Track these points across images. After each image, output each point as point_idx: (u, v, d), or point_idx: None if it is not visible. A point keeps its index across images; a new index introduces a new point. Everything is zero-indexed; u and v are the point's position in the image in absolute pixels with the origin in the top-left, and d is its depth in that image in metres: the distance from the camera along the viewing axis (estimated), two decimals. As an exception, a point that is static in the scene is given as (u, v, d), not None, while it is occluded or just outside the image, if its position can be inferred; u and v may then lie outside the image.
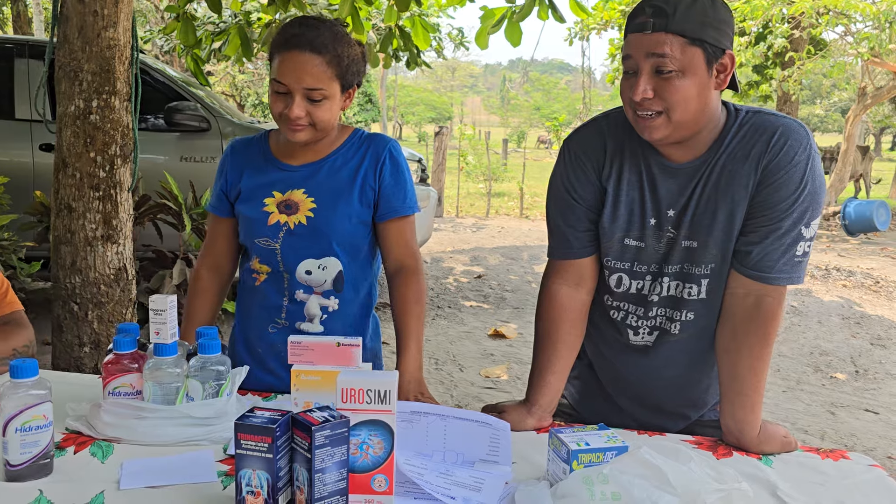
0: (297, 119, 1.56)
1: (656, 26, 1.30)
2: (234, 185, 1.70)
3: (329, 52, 1.54)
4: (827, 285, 7.16)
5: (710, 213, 1.42)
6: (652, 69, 1.32)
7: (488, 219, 11.82)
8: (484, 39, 3.96)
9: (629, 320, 1.54)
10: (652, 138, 1.38)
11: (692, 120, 1.35)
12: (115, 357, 1.38)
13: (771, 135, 1.38)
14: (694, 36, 1.30)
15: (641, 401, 1.60)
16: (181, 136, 4.86)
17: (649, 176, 1.46)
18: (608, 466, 1.12)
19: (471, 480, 1.24)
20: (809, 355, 4.97)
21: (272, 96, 1.57)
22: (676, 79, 1.31)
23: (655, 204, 1.46)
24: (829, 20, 9.77)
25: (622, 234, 1.49)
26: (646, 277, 1.50)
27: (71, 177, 2.85)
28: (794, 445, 1.43)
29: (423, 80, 53.31)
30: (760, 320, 1.40)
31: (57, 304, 2.95)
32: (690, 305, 1.48)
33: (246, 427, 1.08)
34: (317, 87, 1.54)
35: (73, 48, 2.78)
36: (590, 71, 27.76)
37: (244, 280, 1.74)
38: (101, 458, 1.29)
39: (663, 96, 1.33)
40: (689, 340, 1.51)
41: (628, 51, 1.36)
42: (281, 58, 1.55)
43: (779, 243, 1.39)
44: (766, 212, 1.39)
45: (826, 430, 3.73)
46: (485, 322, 5.47)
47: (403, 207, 1.68)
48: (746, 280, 1.42)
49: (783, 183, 1.37)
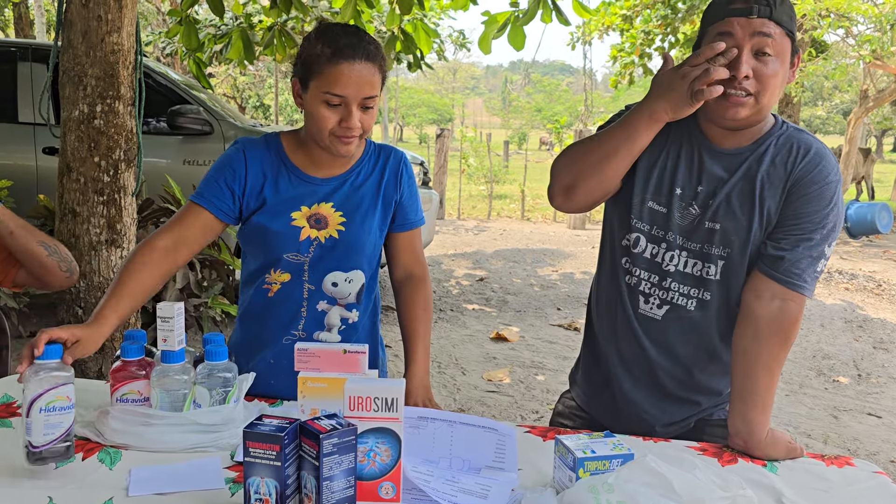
0: (355, 129, 1.53)
1: (762, 12, 1.38)
2: (255, 192, 1.62)
3: (379, 59, 1.55)
4: (829, 288, 7.16)
5: (739, 203, 1.48)
6: (753, 50, 1.39)
7: (490, 221, 11.83)
8: (487, 44, 3.98)
9: (642, 286, 1.57)
10: (737, 117, 1.42)
11: (769, 106, 1.43)
12: (122, 364, 1.39)
13: (807, 151, 1.47)
14: (788, 28, 1.40)
15: (647, 380, 1.60)
16: (184, 139, 4.87)
17: (689, 150, 1.52)
18: (613, 476, 1.13)
19: (477, 487, 1.25)
20: (812, 359, 4.97)
21: (321, 110, 1.52)
22: (772, 62, 1.39)
23: (689, 176, 1.51)
24: (830, 22, 9.78)
25: (648, 196, 1.53)
26: (661, 244, 1.54)
27: (75, 181, 2.86)
28: (799, 452, 1.43)
29: (425, 81, 53.37)
30: (784, 324, 1.43)
31: (61, 308, 2.96)
32: (708, 285, 1.52)
33: (254, 435, 1.09)
34: (373, 94, 1.54)
35: (77, 53, 2.79)
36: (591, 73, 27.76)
37: (252, 291, 1.69)
38: (109, 464, 1.29)
39: (759, 78, 1.39)
40: (701, 320, 1.54)
41: (728, 29, 1.39)
42: (335, 69, 1.50)
43: (808, 253, 1.44)
44: (798, 221, 1.45)
45: (829, 434, 3.73)
46: (487, 325, 5.48)
47: (417, 220, 1.73)
48: (773, 283, 1.45)
49: (815, 196, 1.44)
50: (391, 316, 5.53)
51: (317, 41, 1.53)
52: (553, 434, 1.47)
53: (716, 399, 1.63)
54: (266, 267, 1.65)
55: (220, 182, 1.61)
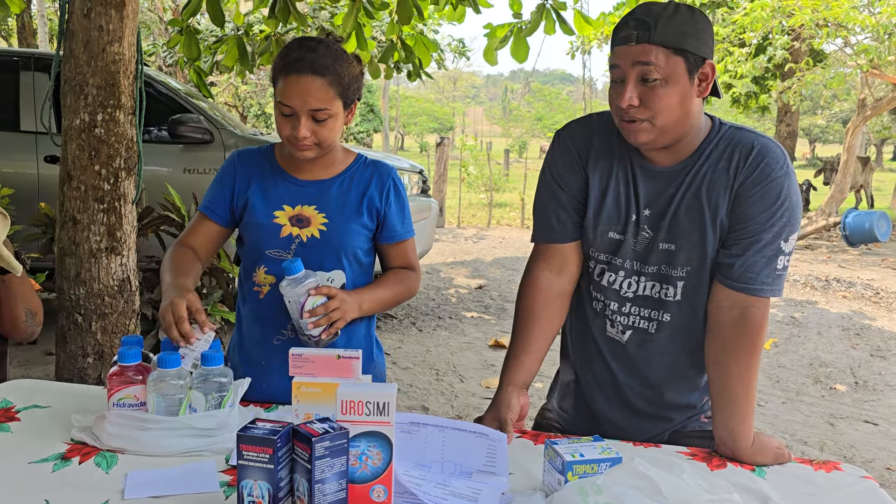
0: (304, 139, 1.61)
1: (640, 38, 1.37)
2: (242, 193, 1.73)
3: (330, 73, 1.60)
4: (827, 296, 7.17)
5: (688, 218, 1.47)
6: (638, 77, 1.38)
7: (489, 229, 11.85)
8: (492, 56, 4.02)
9: (607, 312, 1.59)
10: (637, 142, 1.44)
11: (675, 126, 1.41)
12: (119, 369, 1.41)
13: (748, 151, 1.45)
14: (676, 46, 1.36)
15: (619, 401, 1.63)
16: (184, 147, 4.90)
17: (633, 175, 1.52)
18: (602, 477, 1.15)
19: (468, 491, 1.27)
20: (809, 366, 4.98)
21: (279, 118, 1.63)
22: (660, 87, 1.37)
23: (636, 202, 1.52)
24: (828, 32, 9.82)
25: (606, 227, 1.54)
26: (619, 272, 1.55)
27: (76, 189, 2.88)
28: (787, 457, 1.45)
29: (425, 90, 53.48)
30: (747, 331, 1.44)
31: (61, 315, 2.98)
32: (667, 307, 1.53)
33: (248, 438, 1.11)
34: (321, 107, 1.60)
35: (78, 62, 2.82)
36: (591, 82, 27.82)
37: (246, 294, 1.78)
38: (105, 468, 1.31)
39: (648, 104, 1.38)
40: (664, 341, 1.56)
41: (615, 61, 1.42)
42: (285, 81, 1.60)
43: (759, 255, 1.44)
44: (745, 224, 1.44)
45: (825, 441, 3.74)
46: (486, 333, 5.49)
47: (405, 232, 1.78)
48: (731, 292, 1.46)
49: (760, 198, 1.43)
50: (390, 324, 5.55)
51: (279, 54, 1.64)
52: (543, 439, 1.49)
53: (688, 412, 1.65)
54: (252, 265, 1.73)
55: (217, 189, 1.75)
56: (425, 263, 7.84)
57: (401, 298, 1.78)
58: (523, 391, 1.57)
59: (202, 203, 1.78)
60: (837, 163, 13.69)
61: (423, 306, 6.19)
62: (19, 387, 1.68)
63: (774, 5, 9.68)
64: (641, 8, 1.40)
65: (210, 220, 1.75)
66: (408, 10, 4.16)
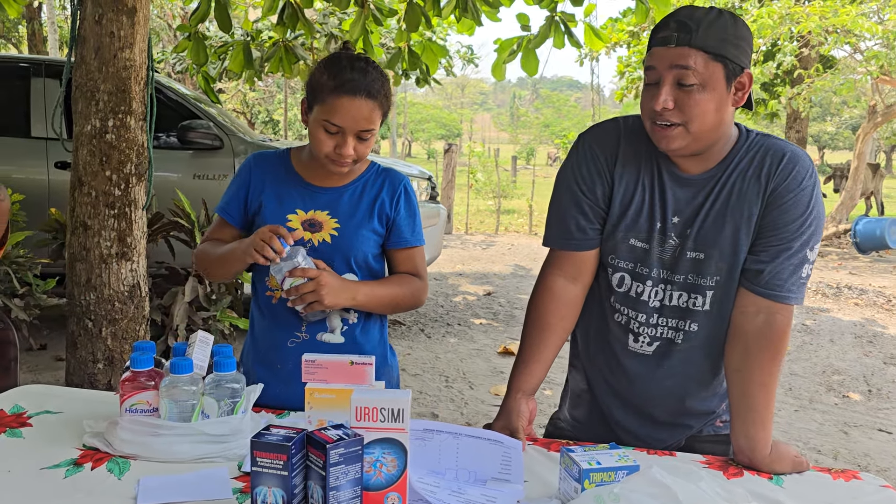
0: (348, 157, 1.62)
1: (680, 40, 1.34)
2: (257, 196, 1.74)
3: (380, 96, 1.63)
4: (839, 303, 7.12)
5: (718, 227, 1.45)
6: (674, 81, 1.36)
7: (497, 236, 11.84)
8: (501, 71, 4.01)
9: (631, 325, 1.56)
10: (668, 148, 1.42)
11: (708, 133, 1.39)
12: (132, 374, 1.40)
13: (780, 158, 1.43)
14: (716, 52, 1.34)
15: (638, 410, 1.61)
16: (194, 153, 4.92)
17: (660, 182, 1.49)
18: (619, 485, 1.13)
19: (483, 499, 1.25)
20: (822, 374, 4.94)
21: (320, 134, 1.62)
22: (697, 92, 1.35)
23: (662, 209, 1.49)
24: (836, 39, 9.79)
25: (628, 234, 1.52)
26: (646, 282, 1.52)
27: (87, 195, 2.89)
28: (805, 465, 1.43)
29: (433, 97, 53.57)
30: (772, 337, 1.42)
31: (71, 320, 2.98)
32: (695, 316, 1.51)
33: (262, 445, 1.10)
34: (370, 128, 1.62)
35: (90, 68, 2.83)
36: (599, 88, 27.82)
37: (259, 298, 1.77)
38: (117, 474, 1.30)
39: (683, 108, 1.36)
40: (690, 351, 1.54)
41: (652, 62, 1.39)
42: (336, 101, 1.59)
43: (788, 263, 1.42)
44: (776, 232, 1.42)
45: (839, 449, 3.71)
46: (495, 340, 5.47)
47: (413, 239, 1.77)
48: (758, 298, 1.44)
49: (792, 205, 1.41)
50: (398, 330, 5.54)
51: (324, 70, 1.63)
52: (558, 446, 1.47)
53: (707, 418, 1.63)
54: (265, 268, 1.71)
55: (233, 191, 1.78)
56: (433, 270, 7.84)
57: (402, 301, 1.75)
58: (531, 398, 1.56)
59: (219, 205, 1.80)
60: (847, 169, 13.64)
61: (432, 313, 6.18)
62: (31, 392, 1.67)
63: (782, 12, 9.66)
64: (684, 10, 1.38)
65: (226, 221, 1.78)
66: (416, 17, 4.17)
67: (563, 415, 1.78)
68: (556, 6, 3.85)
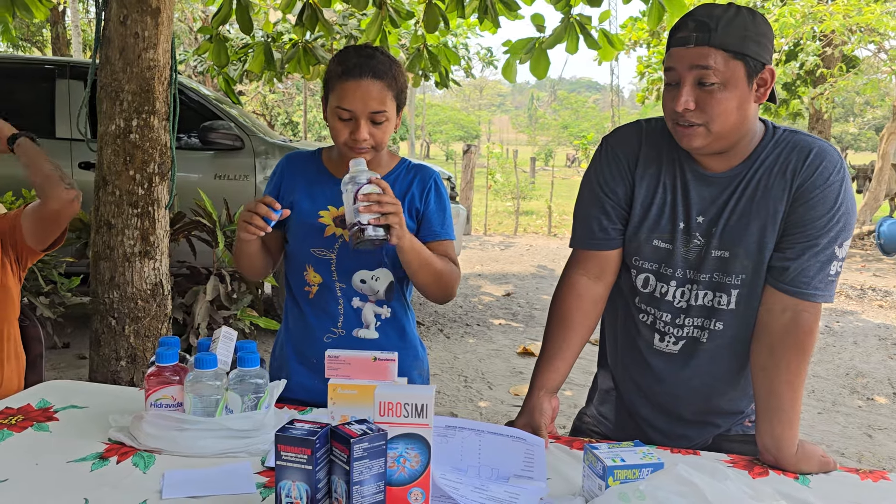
0: (364, 141, 1.63)
1: (699, 40, 1.33)
2: (289, 195, 1.76)
3: (388, 77, 1.64)
4: (862, 305, 7.03)
5: (744, 225, 1.44)
6: (694, 81, 1.35)
7: (516, 237, 11.82)
8: (512, 73, 4.00)
9: (657, 325, 1.56)
10: (691, 147, 1.41)
11: (731, 131, 1.38)
12: (157, 369, 1.41)
13: (807, 154, 1.41)
14: (736, 50, 1.33)
15: (665, 409, 1.60)
16: (215, 154, 4.95)
17: (683, 181, 1.49)
18: (644, 483, 1.12)
19: (506, 495, 1.25)
20: (845, 376, 4.88)
21: (336, 123, 1.64)
22: (718, 91, 1.34)
23: (686, 209, 1.48)
24: (860, 38, 9.68)
25: (651, 235, 1.51)
26: (671, 282, 1.52)
27: (111, 194, 2.91)
28: (832, 465, 1.41)
29: (451, 98, 53.56)
30: (798, 335, 1.40)
31: (95, 318, 3.01)
32: (721, 315, 1.50)
33: (286, 439, 1.10)
34: (380, 109, 1.63)
35: (114, 69, 2.85)
36: (618, 89, 27.68)
37: (296, 294, 1.79)
38: (143, 468, 1.31)
39: (704, 108, 1.35)
40: (716, 350, 1.53)
41: (671, 63, 1.38)
42: (343, 86, 1.62)
43: (815, 260, 1.40)
44: (802, 229, 1.41)
45: (863, 452, 3.66)
46: (514, 340, 5.46)
47: (443, 232, 1.76)
48: (783, 296, 1.42)
49: (819, 201, 1.39)
50: (418, 330, 5.54)
51: (334, 61, 1.66)
52: (580, 444, 1.47)
53: (735, 418, 1.62)
54: (301, 264, 1.75)
55: (267, 192, 1.79)
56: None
57: (443, 274, 1.69)
58: (554, 395, 1.55)
59: None
60: (871, 170, 13.47)
61: (451, 313, 6.18)
62: (56, 387, 1.70)
63: (805, 11, 9.57)
64: (701, 9, 1.36)
65: None
66: (434, 18, 4.18)
67: (589, 411, 1.77)
68: (571, 9, 3.83)
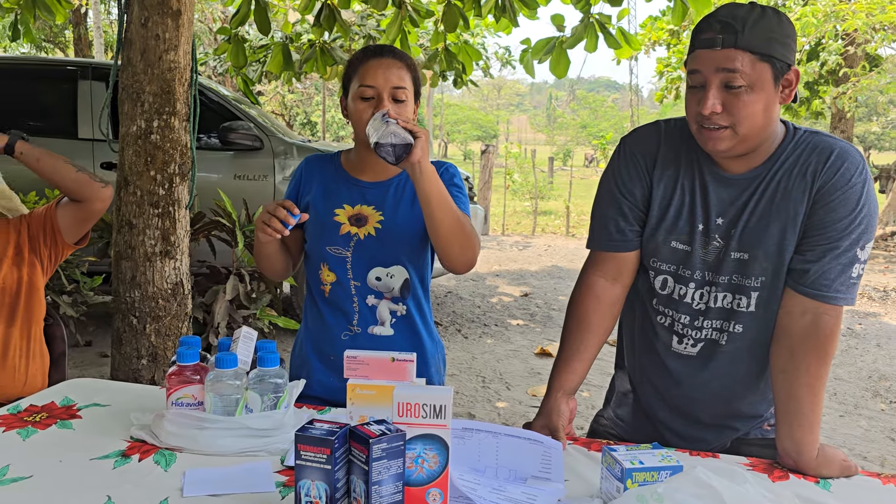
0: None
1: (725, 42, 1.32)
2: (307, 195, 1.79)
3: (406, 61, 1.71)
4: (886, 307, 6.95)
5: (763, 227, 1.43)
6: (721, 84, 1.34)
7: (534, 237, 11.79)
8: (530, 65, 3.99)
9: (676, 327, 1.55)
10: (716, 150, 1.40)
11: (757, 134, 1.37)
12: (178, 368, 1.43)
13: (828, 155, 1.39)
14: (762, 52, 1.31)
15: (683, 412, 1.59)
16: (235, 154, 4.98)
17: (702, 183, 1.48)
18: (663, 485, 1.12)
19: (524, 497, 1.25)
20: (868, 379, 4.83)
21: (359, 105, 1.67)
22: (745, 94, 1.33)
23: (705, 210, 1.47)
24: (884, 36, 9.56)
25: (669, 236, 1.50)
26: (689, 284, 1.51)
27: (132, 194, 2.95)
28: (854, 469, 1.40)
29: (469, 98, 53.54)
30: (819, 338, 1.39)
31: (117, 317, 3.05)
32: (740, 317, 1.49)
33: (306, 438, 1.11)
34: (402, 85, 1.68)
35: (135, 70, 2.89)
36: (637, 89, 27.56)
37: (313, 292, 1.82)
38: (164, 466, 1.33)
39: (731, 111, 1.34)
40: (735, 353, 1.51)
41: (696, 65, 1.37)
42: (366, 66, 1.68)
43: (836, 262, 1.39)
44: (823, 231, 1.39)
45: (886, 456, 3.62)
46: (531, 341, 5.45)
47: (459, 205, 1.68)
48: (804, 299, 1.41)
49: (840, 203, 1.38)
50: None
51: (354, 55, 1.74)
52: (598, 445, 1.46)
53: (754, 421, 1.60)
54: (317, 263, 1.77)
55: (288, 193, 1.84)
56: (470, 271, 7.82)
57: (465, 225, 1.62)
58: (572, 397, 1.55)
59: None
60: (893, 170, 13.30)
61: (469, 313, 6.18)
62: (79, 385, 1.72)
63: (827, 10, 9.47)
64: (725, 10, 1.34)
65: None
66: (454, 18, 4.18)
67: (607, 413, 1.77)
68: (591, 8, 3.82)
